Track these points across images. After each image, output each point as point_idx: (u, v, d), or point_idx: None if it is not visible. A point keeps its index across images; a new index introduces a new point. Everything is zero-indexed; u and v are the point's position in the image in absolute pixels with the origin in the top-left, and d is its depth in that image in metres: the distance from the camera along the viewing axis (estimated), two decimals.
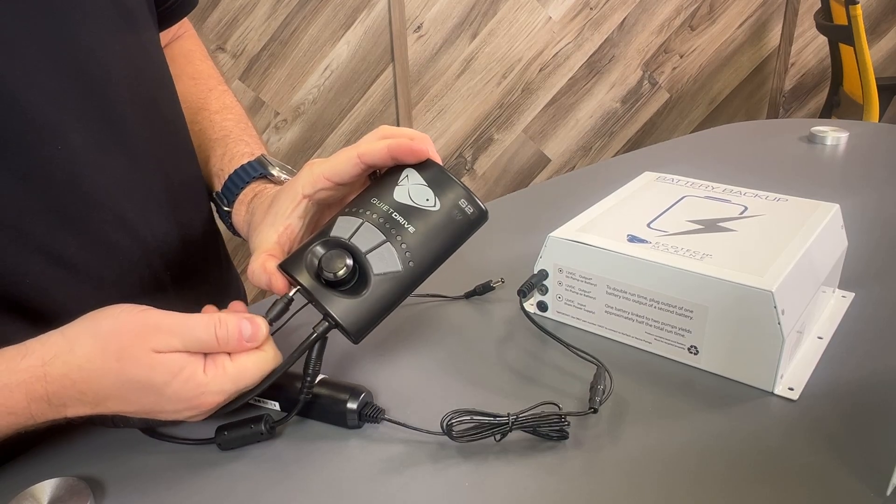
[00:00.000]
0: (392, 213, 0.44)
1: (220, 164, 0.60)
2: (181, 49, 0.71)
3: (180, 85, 0.65)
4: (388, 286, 0.43)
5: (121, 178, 0.50)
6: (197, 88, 0.67)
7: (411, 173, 0.45)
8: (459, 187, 0.45)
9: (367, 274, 0.43)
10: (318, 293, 0.43)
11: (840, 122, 1.07)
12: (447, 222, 0.44)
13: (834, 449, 0.42)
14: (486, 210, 0.46)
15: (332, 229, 0.44)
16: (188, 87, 0.67)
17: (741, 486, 0.40)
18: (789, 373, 0.49)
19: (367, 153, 0.45)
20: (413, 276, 0.44)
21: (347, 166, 0.45)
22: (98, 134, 0.48)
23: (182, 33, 0.72)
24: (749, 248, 0.51)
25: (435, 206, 0.44)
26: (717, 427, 0.45)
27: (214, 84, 0.69)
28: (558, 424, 0.44)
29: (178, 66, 0.67)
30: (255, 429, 0.44)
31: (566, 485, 0.41)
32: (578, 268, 0.54)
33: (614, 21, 2.17)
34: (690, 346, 0.50)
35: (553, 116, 2.23)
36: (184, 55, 0.70)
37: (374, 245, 0.43)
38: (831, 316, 0.56)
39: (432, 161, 0.46)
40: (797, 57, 2.39)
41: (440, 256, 0.45)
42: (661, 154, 0.99)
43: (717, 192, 0.62)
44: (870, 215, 0.73)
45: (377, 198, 0.45)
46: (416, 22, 1.95)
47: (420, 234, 0.44)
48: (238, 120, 0.65)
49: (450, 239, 0.45)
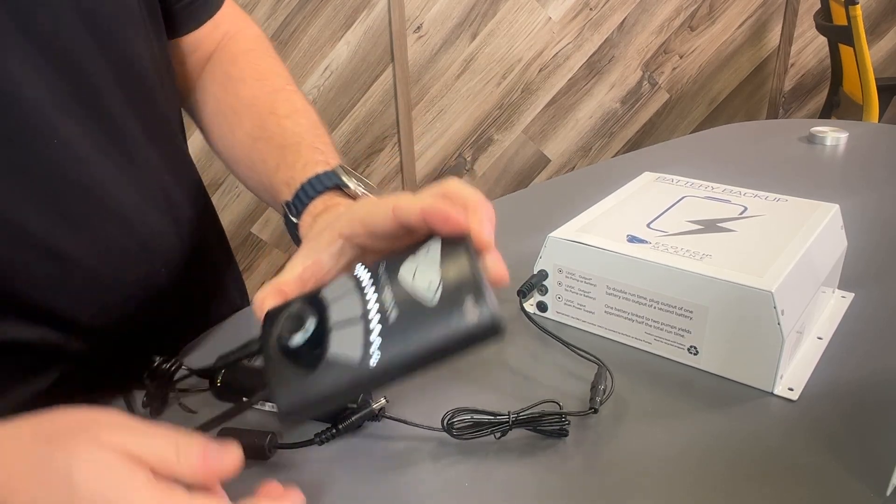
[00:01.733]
0: (387, 288, 0.35)
1: (290, 172, 0.53)
2: (239, 49, 0.65)
3: (245, 88, 0.61)
4: (336, 374, 0.34)
5: (118, 175, 0.50)
6: (263, 91, 0.62)
7: (434, 246, 0.36)
8: (473, 285, 0.33)
9: (324, 350, 0.35)
10: (267, 351, 0.36)
11: (840, 122, 1.07)
12: (437, 325, 0.33)
13: (834, 449, 0.42)
14: (499, 323, 0.32)
15: (327, 287, 0.38)
16: (254, 89, 0.62)
17: (741, 486, 0.40)
18: (789, 373, 0.49)
19: (401, 208, 0.37)
20: (369, 375, 0.33)
21: (381, 218, 0.38)
22: (95, 132, 0.48)
23: (235, 32, 0.66)
24: (749, 249, 0.51)
25: (433, 298, 0.34)
26: (717, 427, 0.45)
27: (282, 84, 0.63)
28: (558, 423, 0.44)
29: (239, 68, 0.63)
30: (258, 443, 0.44)
31: (566, 483, 0.41)
32: (578, 268, 0.54)
33: (614, 21, 2.17)
34: (690, 347, 0.50)
35: (553, 117, 2.23)
36: (244, 55, 0.65)
37: (345, 319, 0.35)
38: (831, 316, 0.56)
39: (471, 239, 0.35)
40: (797, 57, 2.39)
41: (412, 364, 0.33)
42: (661, 154, 0.99)
43: (717, 192, 0.62)
44: (869, 216, 0.73)
45: (387, 264, 0.37)
46: (415, 22, 1.96)
47: (399, 329, 0.34)
48: (311, 125, 0.59)
49: (434, 346, 0.33)
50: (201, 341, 0.59)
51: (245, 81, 0.62)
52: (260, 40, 0.67)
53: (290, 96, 0.61)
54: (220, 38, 0.65)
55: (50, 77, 0.45)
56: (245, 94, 0.61)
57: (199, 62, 0.64)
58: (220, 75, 0.63)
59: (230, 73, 0.63)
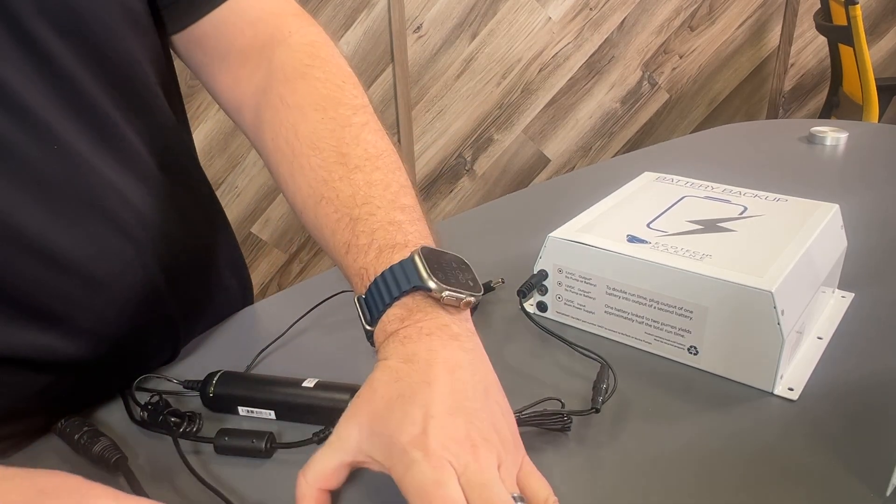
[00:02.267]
0: None
1: (362, 259, 0.44)
2: (293, 62, 0.53)
3: (304, 122, 0.49)
4: None
5: (115, 179, 0.50)
6: (326, 127, 0.49)
7: None
8: None
9: None
10: None
11: (839, 122, 1.07)
12: None
13: (834, 449, 0.42)
14: None
15: None
16: (314, 123, 0.50)
17: (741, 485, 0.40)
18: (789, 373, 0.49)
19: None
20: None
21: None
22: (93, 136, 0.48)
23: (282, 38, 0.55)
24: (749, 249, 0.51)
25: None
26: (717, 427, 0.45)
27: (348, 114, 0.50)
28: (560, 422, 0.44)
29: (294, 90, 0.51)
30: (256, 444, 0.44)
31: (567, 482, 0.41)
32: (578, 268, 0.54)
33: (614, 21, 2.17)
34: (690, 347, 0.50)
35: (553, 117, 2.23)
36: (300, 71, 0.53)
37: None
38: (831, 316, 0.56)
39: None
40: (797, 57, 2.39)
41: None
42: (661, 154, 0.99)
43: (717, 192, 0.62)
44: (869, 215, 0.73)
45: None
46: (415, 22, 1.96)
47: None
48: (386, 184, 0.47)
49: None
50: (201, 342, 0.59)
51: (303, 111, 0.50)
52: (313, 47, 0.55)
53: (359, 133, 0.49)
54: (256, 30, 0.55)
55: (45, 81, 0.45)
56: (304, 132, 0.49)
57: (226, 57, 0.56)
58: (273, 99, 0.52)
59: (284, 96, 0.52)
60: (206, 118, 1.81)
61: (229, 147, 1.88)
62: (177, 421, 0.46)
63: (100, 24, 0.48)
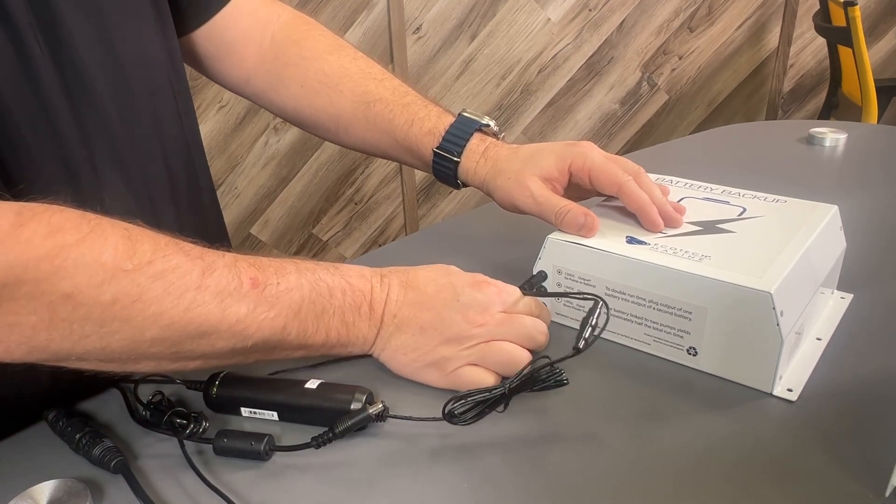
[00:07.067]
0: None
1: (428, 124, 0.63)
2: (294, 32, 0.68)
3: (327, 63, 0.65)
4: None
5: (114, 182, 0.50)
6: (345, 60, 0.66)
7: None
8: None
9: None
10: None
11: (839, 123, 1.07)
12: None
13: (833, 449, 0.42)
14: None
15: None
16: (336, 61, 0.66)
17: (740, 486, 0.40)
18: (788, 374, 0.49)
19: (599, 181, 0.58)
20: None
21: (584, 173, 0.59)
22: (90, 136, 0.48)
23: (276, 18, 0.68)
24: (748, 250, 0.51)
25: None
26: (716, 428, 0.45)
27: (352, 51, 0.67)
28: (552, 376, 0.44)
29: (308, 48, 0.66)
30: (255, 447, 0.44)
31: (566, 483, 0.41)
32: (577, 269, 0.54)
33: (613, 22, 2.17)
34: (689, 348, 0.50)
35: (552, 118, 2.23)
36: (303, 35, 0.68)
37: None
38: (830, 317, 0.56)
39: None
40: (796, 58, 2.39)
41: None
42: (660, 155, 0.99)
43: (716, 193, 0.62)
44: (868, 216, 0.73)
45: None
46: (415, 23, 1.96)
47: None
48: (406, 87, 0.66)
49: None
50: None
51: (323, 57, 0.66)
52: (303, 19, 0.70)
53: (368, 61, 0.67)
54: (255, 17, 0.67)
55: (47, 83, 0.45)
56: (331, 68, 0.65)
57: (231, 50, 0.66)
58: (293, 57, 0.66)
59: (302, 54, 0.66)
60: (206, 118, 1.81)
61: (229, 148, 1.88)
62: (182, 423, 0.46)
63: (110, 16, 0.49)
